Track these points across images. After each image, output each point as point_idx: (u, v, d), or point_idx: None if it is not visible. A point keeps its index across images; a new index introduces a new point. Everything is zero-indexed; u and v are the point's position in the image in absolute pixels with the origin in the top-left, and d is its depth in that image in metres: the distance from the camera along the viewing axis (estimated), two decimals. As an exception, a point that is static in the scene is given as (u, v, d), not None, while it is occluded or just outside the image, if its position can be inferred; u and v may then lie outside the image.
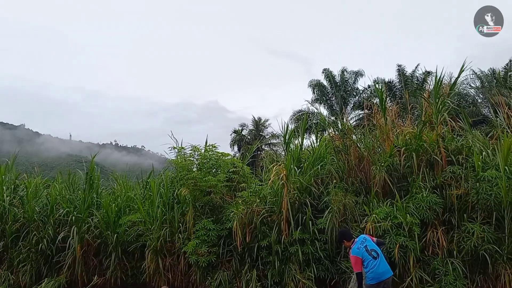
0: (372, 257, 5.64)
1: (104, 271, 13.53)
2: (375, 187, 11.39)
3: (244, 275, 11.74)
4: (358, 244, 5.85)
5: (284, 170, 12.10)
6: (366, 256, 5.69)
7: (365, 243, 5.77)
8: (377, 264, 5.53)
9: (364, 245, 5.76)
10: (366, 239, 5.84)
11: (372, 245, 5.72)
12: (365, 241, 5.80)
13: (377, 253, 5.62)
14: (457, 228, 10.33)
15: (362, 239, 5.88)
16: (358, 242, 5.88)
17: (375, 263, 5.56)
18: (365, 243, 5.79)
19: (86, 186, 14.59)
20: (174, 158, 14.07)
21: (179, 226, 13.10)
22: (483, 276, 10.00)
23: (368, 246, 5.73)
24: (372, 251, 5.67)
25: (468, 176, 10.50)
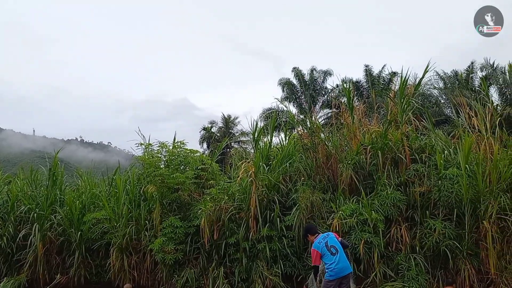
0: (331, 252, 5.73)
1: (67, 269, 13.20)
2: (342, 185, 11.56)
3: (211, 272, 11.69)
4: (319, 239, 5.94)
5: (253, 167, 12.12)
6: (325, 251, 5.78)
7: (326, 239, 5.87)
8: (336, 260, 5.62)
9: (325, 241, 5.86)
10: (329, 235, 5.94)
11: (332, 242, 5.80)
12: (327, 237, 5.90)
13: (336, 249, 5.70)
14: (420, 225, 10.62)
15: (324, 235, 5.98)
16: (320, 237, 5.97)
17: (334, 259, 5.64)
18: (327, 239, 5.88)
19: (49, 182, 14.17)
20: (141, 155, 13.85)
21: (145, 223, 12.92)
22: (444, 271, 10.31)
23: (328, 242, 5.82)
24: (332, 247, 5.75)
25: (431, 174, 10.81)
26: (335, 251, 5.70)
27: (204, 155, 16.79)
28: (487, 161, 10.43)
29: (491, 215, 9.78)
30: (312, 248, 6.02)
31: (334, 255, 5.67)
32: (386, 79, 31.78)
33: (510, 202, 9.98)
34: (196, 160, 14.19)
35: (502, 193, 10.01)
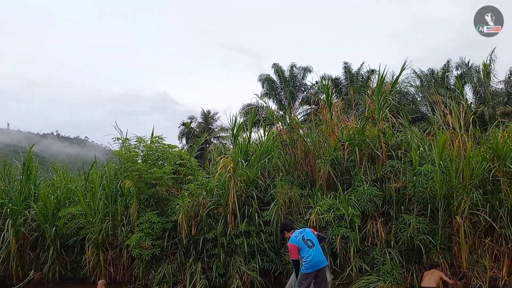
0: (307, 245, 5.78)
1: (42, 265, 12.95)
2: (320, 180, 11.66)
3: (188, 268, 11.64)
4: (296, 233, 5.99)
5: (232, 163, 12.10)
6: (302, 244, 5.83)
7: (303, 233, 5.93)
8: (312, 253, 5.67)
9: (301, 235, 5.91)
10: (305, 230, 6.00)
11: (309, 236, 5.86)
12: (303, 232, 5.96)
13: (313, 242, 5.76)
14: (395, 220, 10.81)
15: (301, 230, 6.04)
16: (297, 232, 6.03)
17: (310, 252, 5.69)
18: (303, 233, 5.94)
19: (23, 177, 13.86)
20: (118, 150, 13.67)
21: (122, 219, 12.78)
22: (418, 265, 10.54)
23: (305, 236, 5.87)
24: (308, 240, 5.80)
25: (406, 170, 11.00)
26: (311, 244, 5.76)
27: (183, 151, 16.68)
28: (460, 158, 10.67)
29: (464, 210, 10.03)
30: (289, 242, 6.08)
31: (310, 248, 5.73)
32: (365, 77, 32.14)
33: (482, 198, 10.26)
34: (174, 155, 14.09)
35: (475, 189, 10.27)
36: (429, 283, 9.47)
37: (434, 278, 9.54)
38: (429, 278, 9.58)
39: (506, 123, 12.50)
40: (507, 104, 24.99)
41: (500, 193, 10.27)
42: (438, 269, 9.86)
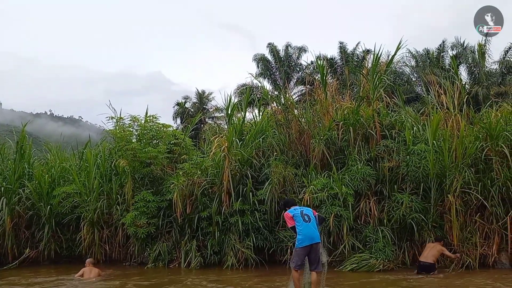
0: (304, 219, 5.80)
1: (37, 243, 13.03)
2: (314, 160, 11.73)
3: (183, 246, 11.77)
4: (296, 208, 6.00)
5: (226, 142, 12.11)
6: (298, 217, 5.84)
7: (302, 209, 5.94)
8: (306, 226, 5.70)
9: (301, 210, 5.93)
10: (306, 208, 6.02)
11: (307, 212, 5.88)
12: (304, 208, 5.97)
13: (309, 218, 5.78)
14: (388, 198, 10.93)
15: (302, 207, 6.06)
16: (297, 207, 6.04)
17: (304, 225, 5.72)
18: (303, 208, 5.96)
19: (16, 156, 13.80)
20: (112, 129, 13.62)
21: (117, 197, 12.83)
22: (409, 243, 10.72)
23: (303, 211, 5.89)
24: (306, 215, 5.82)
25: (400, 149, 11.08)
26: (308, 219, 5.78)
27: (178, 130, 16.65)
28: (453, 137, 10.75)
29: (456, 189, 10.16)
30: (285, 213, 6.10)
31: (306, 222, 5.75)
32: (360, 57, 31.95)
33: (474, 176, 10.38)
34: (168, 134, 14.08)
35: (467, 168, 10.38)
36: (426, 259, 9.60)
37: (432, 252, 9.65)
38: (428, 252, 9.69)
39: (500, 103, 12.55)
40: (501, 84, 25.05)
41: (492, 172, 10.39)
42: (441, 244, 9.98)
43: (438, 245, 9.82)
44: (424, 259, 9.63)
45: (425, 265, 9.56)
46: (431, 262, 9.55)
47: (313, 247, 5.63)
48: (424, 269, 9.57)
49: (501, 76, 26.47)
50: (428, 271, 9.50)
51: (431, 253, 9.64)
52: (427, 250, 9.78)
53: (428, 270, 9.51)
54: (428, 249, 9.80)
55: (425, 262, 9.57)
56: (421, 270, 9.59)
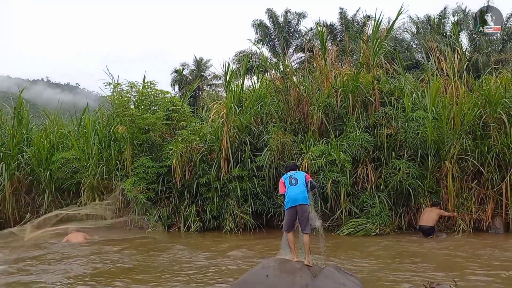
0: (290, 183, 5.90)
1: (38, 208, 13.20)
2: (312, 127, 11.74)
3: (183, 211, 11.94)
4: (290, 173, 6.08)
5: (225, 109, 12.09)
6: (287, 181, 5.96)
7: (293, 173, 6.02)
8: (291, 190, 5.79)
9: (291, 174, 6.02)
10: (297, 172, 6.08)
11: (296, 175, 5.94)
12: (295, 173, 6.04)
13: (296, 181, 5.84)
14: (385, 165, 11.03)
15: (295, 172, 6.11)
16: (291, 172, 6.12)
17: (290, 189, 5.82)
18: (294, 173, 6.03)
19: (14, 122, 13.78)
20: (110, 95, 13.55)
21: (116, 163, 12.89)
22: (406, 208, 10.91)
23: (293, 175, 5.97)
24: (293, 179, 5.90)
25: (398, 116, 11.08)
26: (294, 182, 5.85)
27: (176, 97, 16.57)
28: (452, 104, 10.75)
29: (453, 155, 10.25)
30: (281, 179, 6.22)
31: (292, 185, 5.85)
32: (360, 23, 31.42)
33: (471, 143, 10.45)
34: (167, 101, 14.02)
35: (465, 134, 10.44)
36: (426, 222, 9.85)
37: (431, 216, 9.90)
38: (427, 216, 9.93)
39: (500, 70, 12.48)
40: (502, 51, 24.80)
41: (489, 138, 10.46)
42: (438, 208, 10.20)
43: (435, 209, 10.06)
44: (424, 223, 9.87)
45: (425, 228, 9.82)
46: (431, 225, 9.80)
47: (297, 209, 5.71)
48: (424, 232, 9.85)
49: (501, 43, 26.18)
50: (428, 234, 9.77)
51: (430, 216, 9.87)
52: (426, 214, 9.99)
53: (428, 233, 9.78)
54: (426, 213, 10.01)
55: (425, 226, 9.82)
56: (422, 233, 9.87)
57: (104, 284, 6.42)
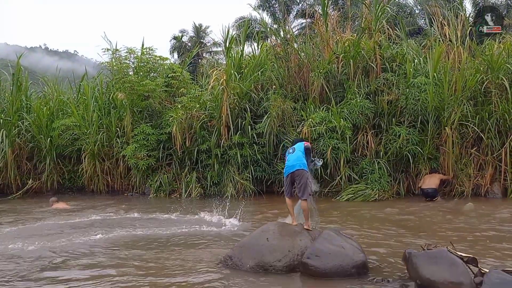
0: (288, 152, 5.94)
1: (39, 175, 13.28)
2: (313, 94, 11.68)
3: (184, 177, 12.04)
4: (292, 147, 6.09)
5: (224, 75, 11.99)
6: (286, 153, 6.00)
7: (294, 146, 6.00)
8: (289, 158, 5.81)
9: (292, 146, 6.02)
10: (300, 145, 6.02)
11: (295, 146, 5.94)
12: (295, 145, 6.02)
13: (294, 150, 5.86)
14: (386, 132, 11.04)
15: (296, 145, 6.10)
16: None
17: (288, 157, 5.84)
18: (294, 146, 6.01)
19: (13, 88, 13.69)
20: (108, 61, 13.42)
21: (116, 130, 12.90)
22: (404, 174, 11.00)
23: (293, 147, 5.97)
24: (291, 149, 5.92)
25: (400, 82, 11.00)
26: (292, 151, 5.86)
27: (175, 64, 16.41)
28: (454, 70, 10.65)
29: (454, 121, 10.25)
30: None
31: (289, 154, 5.87)
32: (363, -13, 30.73)
33: (472, 109, 10.42)
34: (166, 68, 13.90)
35: (466, 100, 10.40)
36: (429, 185, 10.04)
37: (433, 180, 10.09)
38: (429, 180, 10.11)
39: (503, 36, 12.29)
40: (506, 17, 24.34)
41: (490, 105, 10.43)
42: (438, 173, 10.35)
43: (435, 174, 10.23)
44: (427, 186, 10.01)
45: (429, 191, 9.98)
46: (434, 188, 9.98)
47: (294, 175, 5.72)
48: (427, 194, 10.01)
49: (505, 8, 25.66)
50: (432, 196, 9.94)
51: (432, 181, 10.07)
52: (427, 179, 10.17)
53: (431, 195, 9.95)
54: (428, 178, 10.18)
55: (429, 188, 9.99)
56: (425, 196, 10.04)
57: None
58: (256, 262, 5.01)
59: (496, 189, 10.35)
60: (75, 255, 5.78)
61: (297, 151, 5.88)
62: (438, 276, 4.02)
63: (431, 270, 4.09)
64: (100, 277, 4.78)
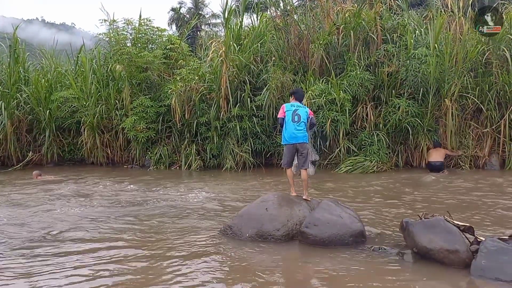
0: (293, 120, 5.67)
1: (39, 147, 13.33)
2: (313, 66, 11.59)
3: (183, 150, 12.07)
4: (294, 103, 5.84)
5: (223, 47, 11.86)
6: (289, 115, 5.68)
7: (299, 108, 5.75)
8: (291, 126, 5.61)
9: (296, 108, 5.77)
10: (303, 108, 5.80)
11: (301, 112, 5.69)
12: (301, 107, 5.77)
13: (299, 118, 5.62)
14: (385, 104, 11.01)
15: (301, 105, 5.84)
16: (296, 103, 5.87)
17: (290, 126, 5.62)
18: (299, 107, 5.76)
19: (10, 60, 13.56)
20: (106, 32, 13.24)
21: (115, 103, 12.85)
22: (403, 146, 11.03)
23: (297, 110, 5.72)
24: (296, 115, 5.65)
25: (400, 54, 10.90)
26: (297, 119, 5.63)
27: (173, 35, 16.20)
28: (456, 41, 10.54)
29: (454, 93, 10.21)
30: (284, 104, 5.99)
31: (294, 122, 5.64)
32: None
33: (472, 81, 10.37)
34: (164, 40, 13.74)
35: (466, 72, 10.33)
36: (436, 158, 10.13)
37: (440, 154, 10.19)
38: (436, 154, 10.20)
39: (506, 6, 12.10)
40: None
41: (491, 76, 10.37)
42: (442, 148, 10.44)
43: (440, 149, 10.31)
44: (434, 159, 10.10)
45: (437, 163, 10.06)
46: (441, 161, 10.07)
47: (298, 146, 5.66)
48: (435, 168, 10.07)
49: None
50: (439, 169, 10.01)
51: (438, 154, 10.17)
52: (433, 153, 10.25)
53: (439, 168, 10.02)
54: (434, 152, 10.27)
55: (436, 161, 10.08)
56: (432, 169, 10.09)
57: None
58: (255, 231, 5.08)
59: (494, 160, 10.41)
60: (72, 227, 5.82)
61: (302, 121, 5.71)
62: (435, 244, 4.09)
63: (428, 238, 4.16)
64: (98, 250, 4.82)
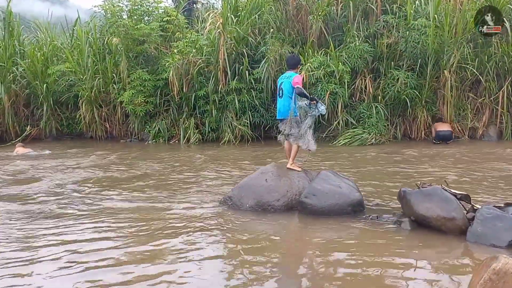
0: (278, 95, 5.64)
1: (37, 121, 13.31)
2: (311, 37, 11.49)
3: (182, 123, 12.07)
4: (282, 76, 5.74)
5: (221, 19, 11.70)
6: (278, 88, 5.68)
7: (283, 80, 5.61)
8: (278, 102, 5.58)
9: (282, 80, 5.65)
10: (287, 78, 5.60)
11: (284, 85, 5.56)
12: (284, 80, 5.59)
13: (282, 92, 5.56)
14: (384, 76, 10.98)
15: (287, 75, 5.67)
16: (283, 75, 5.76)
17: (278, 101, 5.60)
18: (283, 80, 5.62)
19: (5, 34, 13.37)
20: (101, 3, 13.03)
21: (112, 76, 12.75)
22: (402, 118, 11.07)
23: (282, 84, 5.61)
24: (280, 90, 5.58)
25: (400, 25, 10.80)
26: (281, 94, 5.59)
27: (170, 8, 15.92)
28: (455, 12, 10.43)
29: (453, 64, 10.18)
30: None
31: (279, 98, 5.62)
32: None
33: (471, 52, 10.32)
34: (161, 12, 13.53)
35: (466, 43, 10.27)
36: (445, 128, 10.24)
37: (446, 125, 10.31)
38: (442, 125, 10.31)
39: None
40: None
41: (490, 47, 10.32)
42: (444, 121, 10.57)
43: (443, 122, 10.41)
44: (442, 128, 10.19)
45: (447, 132, 10.13)
46: (451, 130, 10.19)
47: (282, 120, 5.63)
48: (443, 137, 10.13)
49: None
50: (448, 139, 10.10)
51: (445, 126, 10.26)
52: (440, 125, 10.33)
53: (448, 138, 10.11)
54: (440, 124, 10.35)
55: (446, 130, 10.16)
56: (440, 139, 10.17)
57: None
58: (255, 202, 5.15)
59: (492, 132, 10.49)
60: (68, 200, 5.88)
61: (284, 95, 5.55)
62: (432, 212, 4.16)
63: (425, 206, 4.22)
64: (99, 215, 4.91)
